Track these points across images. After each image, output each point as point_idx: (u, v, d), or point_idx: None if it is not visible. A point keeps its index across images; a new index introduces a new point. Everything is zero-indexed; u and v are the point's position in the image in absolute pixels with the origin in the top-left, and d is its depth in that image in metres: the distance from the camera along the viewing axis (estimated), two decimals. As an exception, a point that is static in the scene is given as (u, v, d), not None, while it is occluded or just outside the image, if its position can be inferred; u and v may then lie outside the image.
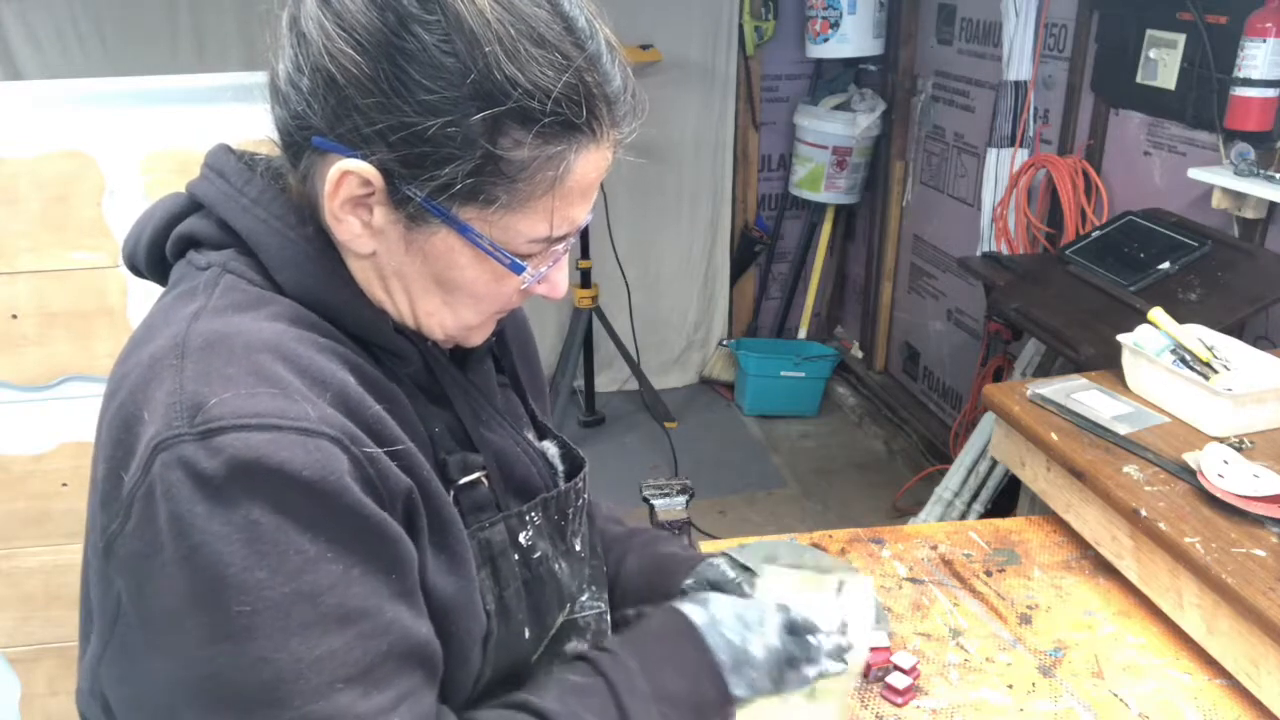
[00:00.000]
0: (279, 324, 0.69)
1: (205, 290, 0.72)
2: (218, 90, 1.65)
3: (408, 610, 0.68)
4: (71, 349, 1.73)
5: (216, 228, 0.76)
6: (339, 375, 0.68)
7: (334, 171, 0.69)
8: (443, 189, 0.69)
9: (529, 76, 0.67)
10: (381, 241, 0.73)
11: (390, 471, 0.68)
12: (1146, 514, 1.37)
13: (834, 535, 1.63)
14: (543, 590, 0.84)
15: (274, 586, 0.62)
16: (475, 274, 0.75)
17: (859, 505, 3.59)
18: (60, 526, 1.81)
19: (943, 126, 3.72)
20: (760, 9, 4.11)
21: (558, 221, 0.74)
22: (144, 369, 0.68)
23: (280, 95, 0.72)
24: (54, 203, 1.65)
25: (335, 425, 0.65)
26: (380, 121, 0.68)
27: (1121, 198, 2.72)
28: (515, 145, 0.69)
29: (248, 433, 0.62)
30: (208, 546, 0.61)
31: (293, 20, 0.70)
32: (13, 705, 1.90)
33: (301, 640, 0.63)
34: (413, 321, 0.78)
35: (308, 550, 0.63)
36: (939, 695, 1.28)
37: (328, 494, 0.63)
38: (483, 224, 0.72)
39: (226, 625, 0.62)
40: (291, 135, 0.72)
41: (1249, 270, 2.06)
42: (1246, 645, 1.23)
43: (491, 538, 0.79)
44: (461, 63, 0.66)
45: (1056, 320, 2.23)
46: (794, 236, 4.54)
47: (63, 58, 3.50)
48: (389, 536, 0.67)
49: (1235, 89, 2.17)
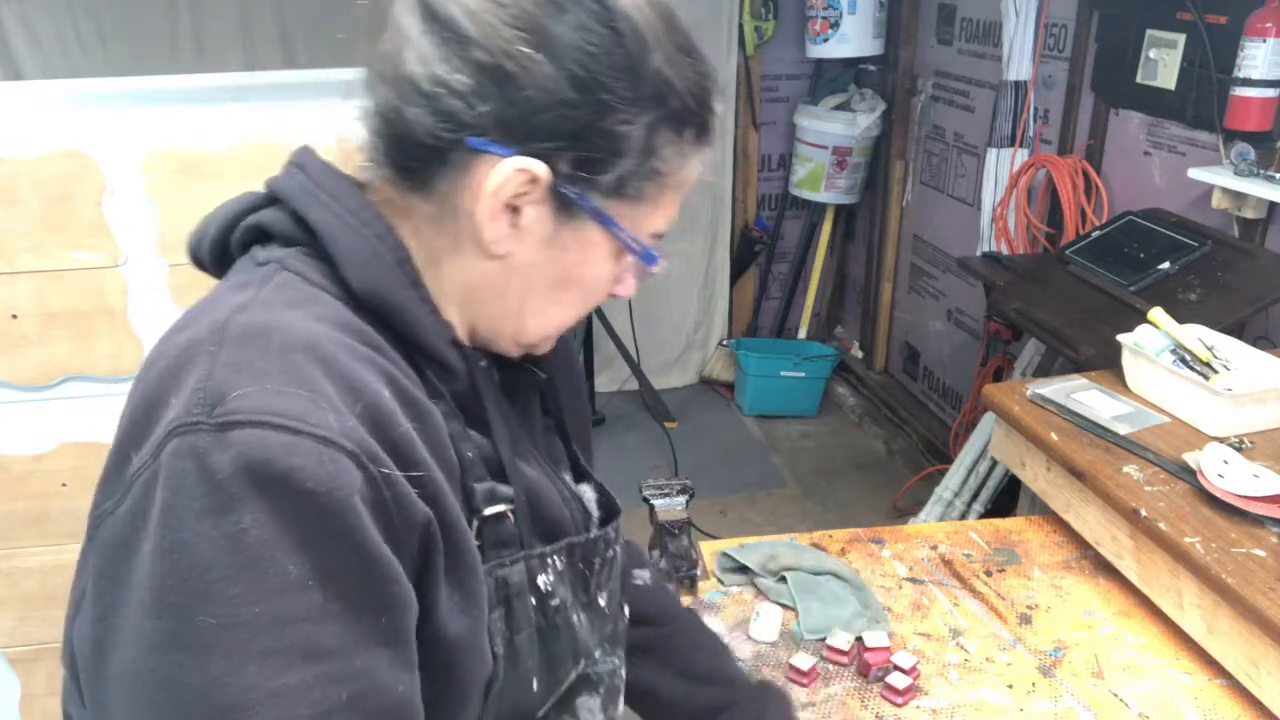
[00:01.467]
0: (322, 325, 0.66)
1: (258, 284, 0.70)
2: (218, 90, 1.65)
3: (388, 660, 0.63)
4: (71, 349, 1.72)
5: (289, 220, 0.74)
6: (373, 386, 0.65)
7: (503, 169, 0.68)
8: (605, 187, 0.71)
9: (684, 82, 0.72)
10: (522, 241, 0.72)
11: (408, 498, 0.64)
12: (1146, 514, 1.37)
13: (834, 535, 1.63)
14: (557, 640, 0.80)
15: (246, 604, 0.58)
16: (601, 269, 0.76)
17: (859, 505, 3.59)
18: (60, 526, 1.81)
19: (943, 126, 3.72)
20: (760, 9, 4.11)
21: (670, 217, 0.77)
22: (179, 352, 0.65)
23: (420, 95, 0.69)
24: (54, 203, 1.65)
25: (356, 440, 0.61)
26: (558, 120, 0.68)
27: (1121, 198, 2.72)
28: (667, 144, 0.72)
29: (264, 430, 0.59)
30: (190, 546, 0.58)
31: (433, 15, 0.69)
32: (13, 705, 1.90)
33: (259, 669, 0.58)
34: (515, 325, 0.77)
35: (289, 572, 0.59)
36: (939, 695, 1.28)
37: (329, 513, 0.60)
38: (624, 219, 0.74)
39: (187, 634, 0.58)
40: (434, 137, 0.69)
41: (1249, 270, 2.06)
42: (1246, 645, 1.23)
43: (510, 576, 0.76)
44: (634, 64, 0.69)
45: (1056, 320, 2.23)
46: (794, 236, 4.54)
47: (63, 58, 3.51)
48: (387, 575, 0.62)
49: (1235, 89, 2.17)
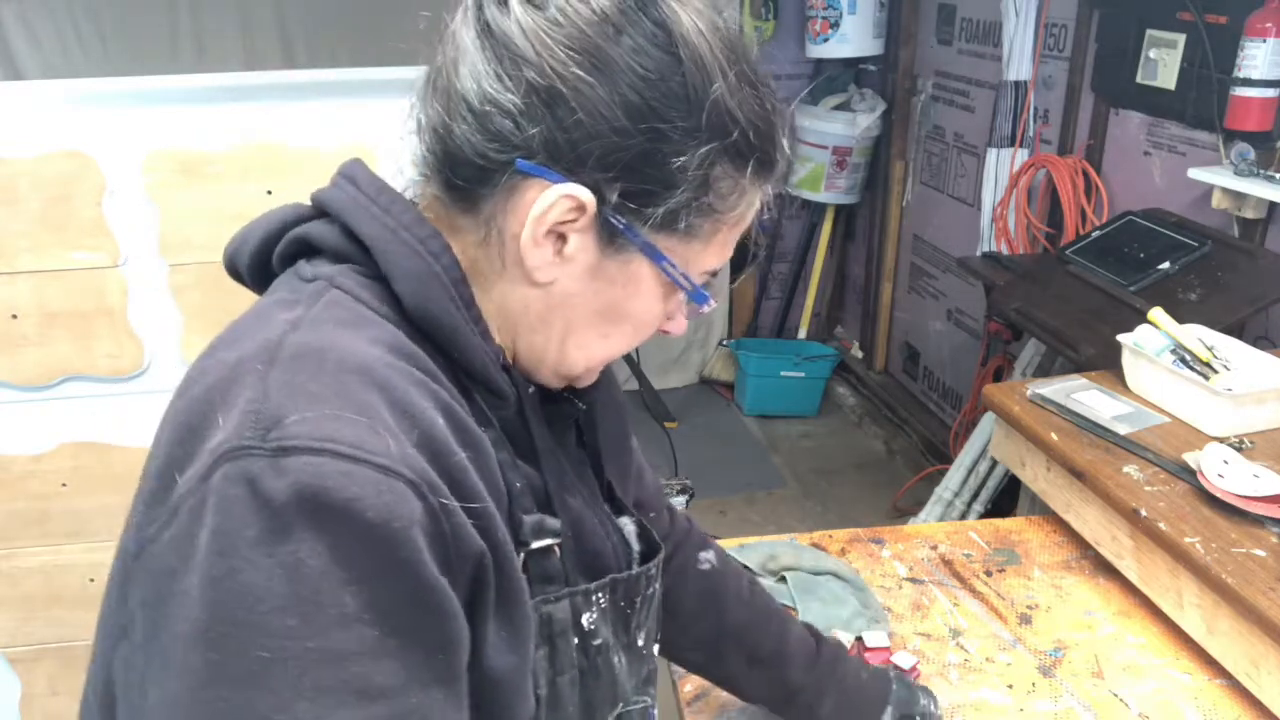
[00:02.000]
0: (377, 348, 0.64)
1: (307, 302, 0.67)
2: (218, 90, 1.65)
3: (442, 698, 0.60)
4: (71, 349, 1.73)
5: (339, 234, 0.71)
6: (429, 413, 0.62)
7: (551, 195, 0.66)
8: (656, 220, 0.68)
9: (746, 114, 0.68)
10: (566, 269, 0.70)
11: (464, 529, 0.61)
12: (1146, 514, 1.37)
13: (834, 535, 1.63)
14: (598, 683, 0.77)
15: (300, 638, 0.55)
16: (650, 304, 0.73)
17: (859, 505, 3.59)
18: (60, 526, 1.81)
19: (943, 126, 3.72)
20: (760, 9, 4.11)
21: (724, 256, 0.74)
22: (227, 370, 0.62)
23: (471, 113, 0.67)
24: (54, 203, 1.65)
25: (415, 469, 0.59)
26: (609, 148, 0.66)
27: (1121, 198, 2.72)
28: (724, 178, 0.69)
29: (321, 457, 0.56)
30: (243, 575, 0.55)
31: (489, 32, 0.67)
32: (13, 705, 1.90)
33: (310, 707, 0.55)
34: (557, 355, 0.75)
35: (347, 605, 0.56)
36: (939, 695, 1.28)
37: (389, 544, 0.57)
38: (674, 254, 0.71)
39: (237, 667, 0.55)
40: (483, 156, 0.67)
41: (1249, 270, 2.06)
42: (1246, 645, 1.23)
43: (554, 614, 0.73)
44: (695, 94, 0.66)
45: (1056, 320, 2.23)
46: (794, 236, 4.54)
47: (63, 58, 3.51)
48: (444, 610, 0.60)
49: (1235, 89, 2.17)
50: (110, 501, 1.79)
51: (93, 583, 1.84)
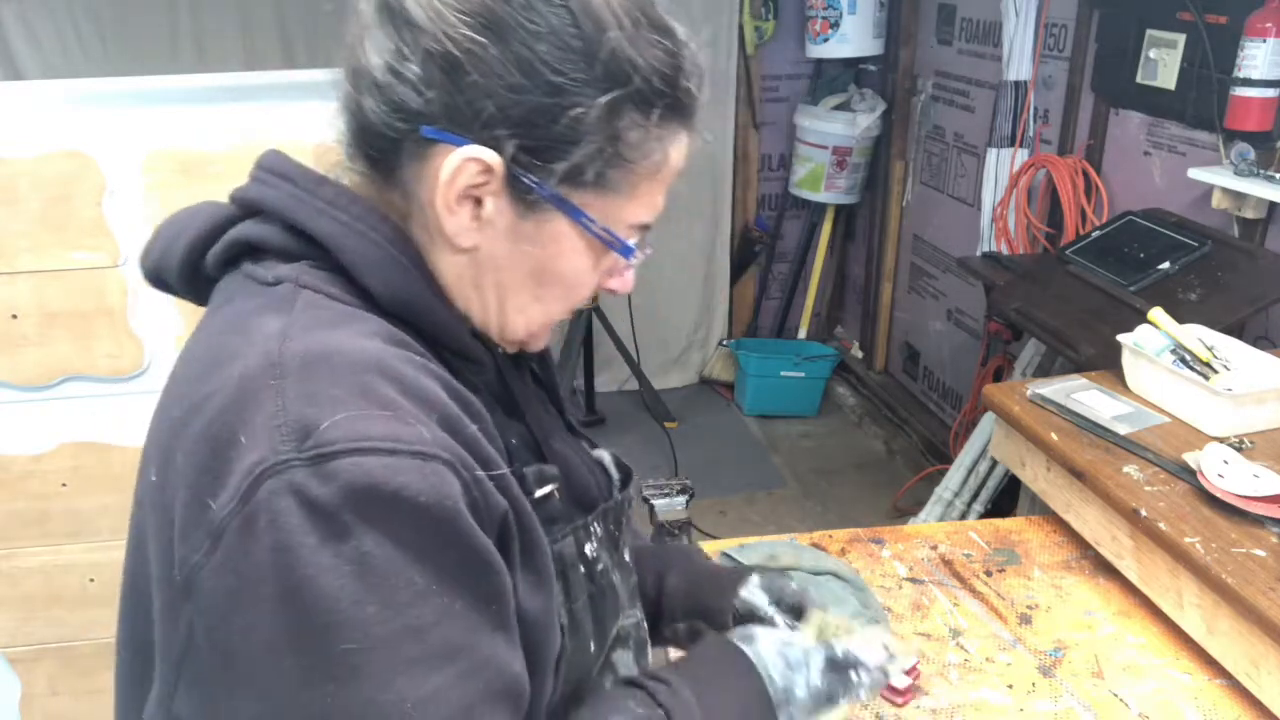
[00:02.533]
0: (375, 342, 0.66)
1: (283, 307, 0.67)
2: (218, 90, 1.65)
3: (504, 644, 0.66)
4: (71, 349, 1.73)
5: (283, 233, 0.71)
6: (440, 394, 0.65)
7: (455, 159, 0.67)
8: (563, 174, 0.69)
9: (648, 59, 0.68)
10: (487, 233, 0.71)
11: (491, 494, 0.65)
12: (1146, 514, 1.37)
13: (834, 535, 1.63)
14: (604, 602, 0.82)
15: (383, 622, 0.59)
16: (577, 262, 0.74)
17: (859, 505, 3.59)
18: (60, 526, 1.81)
19: (943, 126, 3.72)
20: (760, 9, 4.11)
21: (652, 207, 0.75)
22: (233, 390, 0.63)
23: (375, 86, 0.68)
24: (54, 203, 1.65)
25: (448, 448, 0.62)
26: (506, 106, 0.66)
27: (1121, 198, 2.72)
28: (633, 127, 0.69)
29: (363, 456, 0.59)
30: (316, 580, 0.58)
31: (388, 8, 0.68)
32: (13, 705, 1.90)
33: (407, 679, 0.59)
34: (497, 321, 0.76)
35: (417, 583, 0.60)
36: (939, 695, 1.28)
37: (442, 521, 0.61)
38: (594, 209, 0.71)
39: (331, 665, 0.58)
40: (390, 127, 0.69)
41: (1249, 270, 2.06)
42: (1246, 645, 1.23)
43: (564, 551, 0.77)
44: (588, 45, 0.66)
45: (1056, 320, 2.23)
46: (794, 236, 4.54)
47: (63, 58, 3.51)
48: (493, 567, 0.65)
49: (1235, 89, 2.17)
50: (110, 501, 1.79)
51: (92, 583, 1.84)
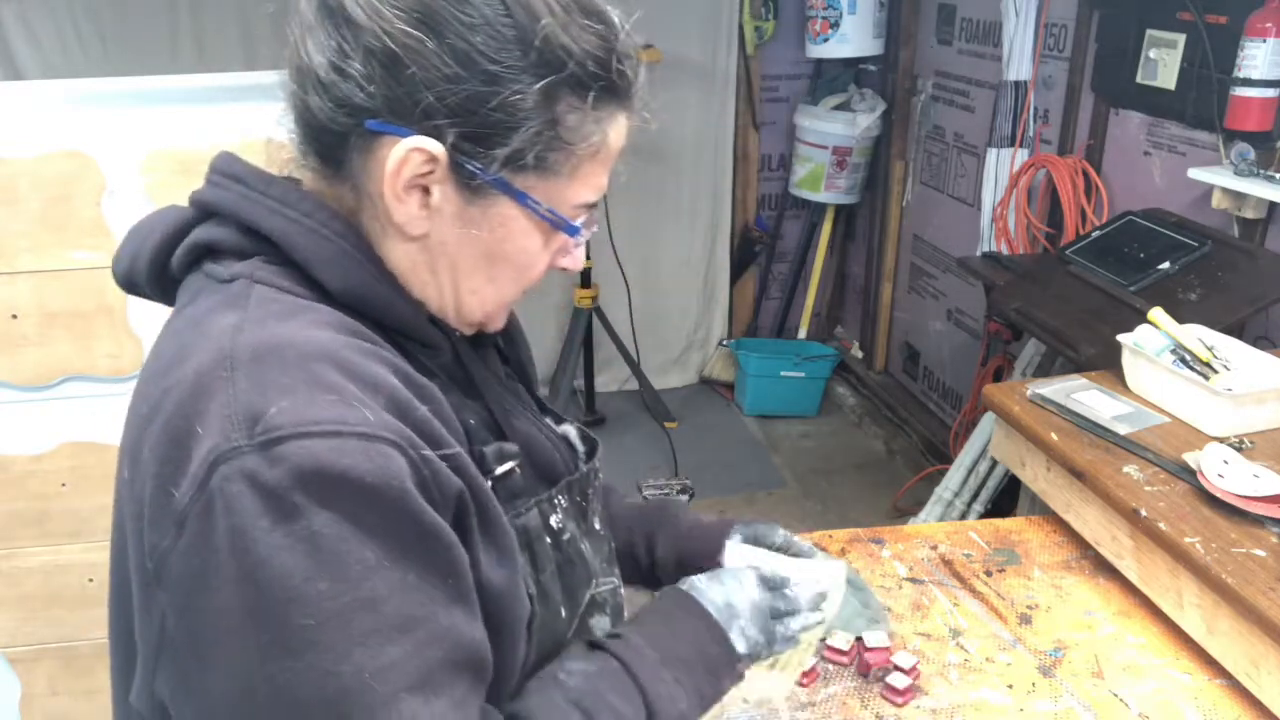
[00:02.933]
0: (325, 331, 0.69)
1: (238, 303, 0.70)
2: (218, 90, 1.65)
3: (462, 614, 0.68)
4: (71, 349, 1.73)
5: (237, 233, 0.75)
6: (388, 379, 0.68)
7: (399, 150, 0.70)
8: (507, 159, 0.71)
9: (581, 45, 0.71)
10: (436, 220, 0.74)
11: (443, 473, 0.68)
12: (1146, 514, 1.37)
13: (834, 535, 1.63)
14: (573, 570, 0.86)
15: (336, 597, 0.62)
16: (525, 243, 0.77)
17: (859, 505, 3.59)
18: (60, 526, 1.81)
19: (943, 126, 3.72)
20: (760, 9, 4.11)
21: (596, 187, 0.78)
22: (190, 384, 0.66)
23: (320, 84, 0.71)
24: (54, 203, 1.65)
25: (393, 429, 0.65)
26: (445, 96, 0.69)
27: (1121, 198, 2.72)
28: (570, 111, 0.72)
29: (309, 440, 0.62)
30: (271, 560, 0.61)
31: (327, 8, 0.71)
32: (13, 705, 1.90)
33: (364, 651, 0.62)
34: (453, 304, 0.79)
35: (368, 558, 0.63)
36: (939, 695, 1.28)
37: (389, 499, 0.63)
38: (538, 191, 0.74)
39: (290, 639, 0.61)
40: (335, 123, 0.72)
41: (1249, 270, 2.06)
42: (1246, 645, 1.23)
43: (528, 524, 0.81)
44: (522, 33, 0.69)
45: (1056, 320, 2.23)
46: (794, 236, 4.54)
47: (63, 58, 3.50)
48: (445, 541, 0.67)
49: (1235, 89, 2.17)
50: (110, 501, 1.79)
51: (92, 582, 1.84)
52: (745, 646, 0.88)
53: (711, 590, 0.89)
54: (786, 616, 0.92)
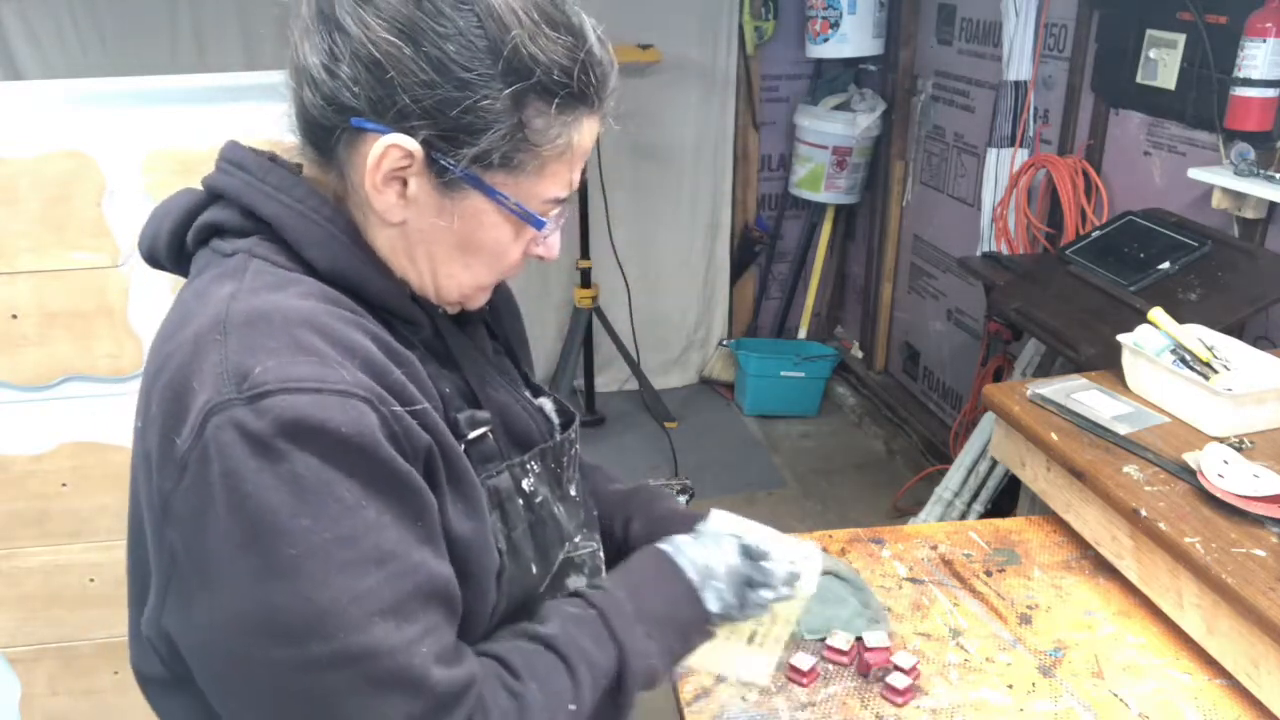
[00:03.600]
0: (310, 301, 0.76)
1: (236, 275, 0.79)
2: (218, 90, 1.65)
3: (432, 554, 0.76)
4: (71, 349, 1.73)
5: (240, 215, 0.83)
6: (365, 344, 0.76)
7: (378, 146, 0.77)
8: (476, 157, 0.78)
9: (548, 56, 0.77)
10: (414, 210, 0.81)
11: (413, 429, 0.76)
12: (1146, 514, 1.37)
13: (834, 535, 1.63)
14: (545, 530, 0.92)
15: (317, 532, 0.69)
16: (496, 234, 0.84)
17: (859, 505, 3.59)
18: (60, 526, 1.81)
19: (943, 126, 3.72)
20: (760, 9, 4.11)
21: (564, 184, 0.84)
22: (189, 346, 0.74)
23: (313, 82, 0.79)
24: (54, 203, 1.65)
25: (365, 387, 0.73)
26: (422, 99, 0.76)
27: (1121, 198, 2.72)
28: (538, 115, 0.79)
29: (291, 395, 0.70)
30: (258, 497, 0.69)
31: (322, 15, 0.78)
32: (13, 705, 1.90)
33: (342, 579, 0.70)
34: (432, 286, 0.86)
35: (345, 499, 0.71)
36: (939, 695, 1.28)
37: (363, 448, 0.71)
38: (508, 188, 0.81)
39: (278, 565, 0.69)
40: (325, 118, 0.79)
41: (1249, 270, 2.06)
42: (1246, 645, 1.23)
43: (499, 485, 0.88)
44: (493, 44, 0.76)
45: (1056, 320, 2.23)
46: (794, 236, 4.54)
47: (63, 58, 3.50)
48: (414, 487, 0.75)
49: (1235, 89, 2.17)
50: (110, 501, 1.79)
51: (92, 582, 1.84)
52: (718, 606, 0.93)
53: (692, 550, 0.95)
54: (760, 586, 0.97)
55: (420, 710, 0.73)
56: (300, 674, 0.71)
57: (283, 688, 0.72)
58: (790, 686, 1.29)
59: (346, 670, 0.71)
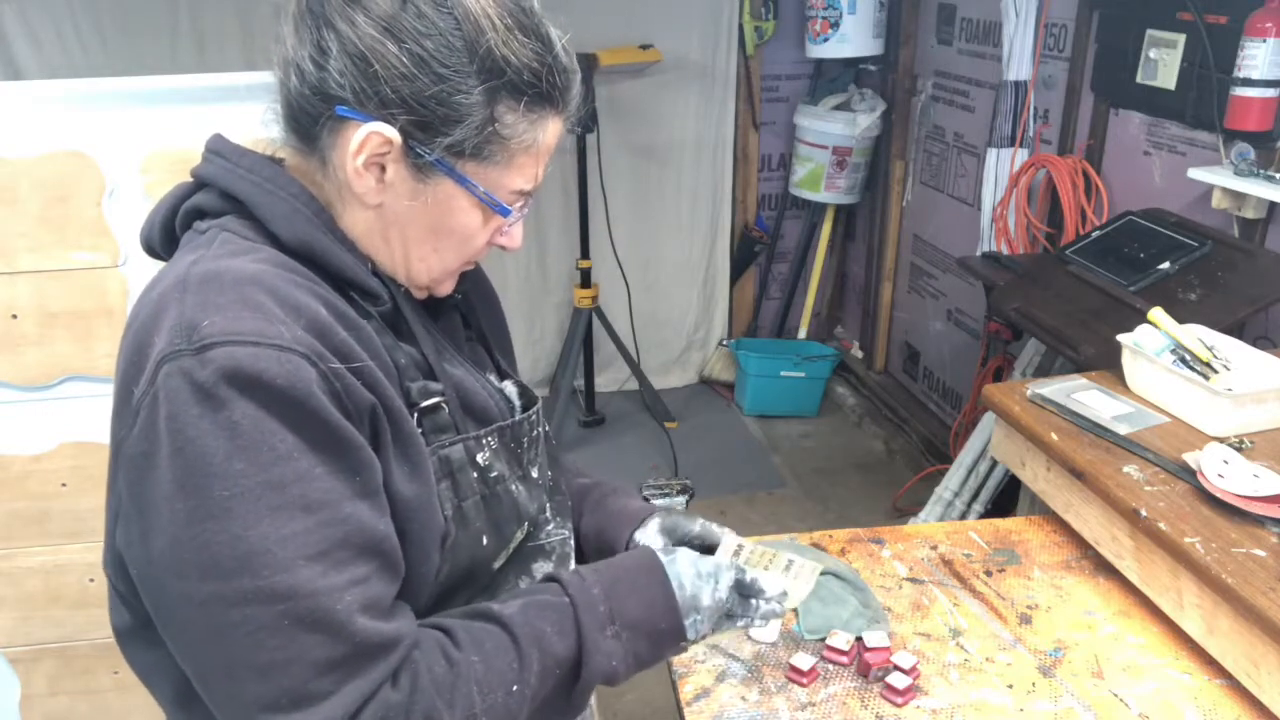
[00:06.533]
0: (263, 264, 0.82)
1: (204, 245, 0.86)
2: (218, 90, 1.65)
3: (368, 508, 0.80)
4: (71, 349, 1.73)
5: (218, 198, 0.89)
6: (312, 305, 0.81)
7: (361, 133, 0.83)
8: (450, 146, 0.85)
9: (519, 58, 0.85)
10: (391, 194, 0.87)
11: (355, 387, 0.81)
12: (1146, 514, 1.37)
13: (834, 535, 1.63)
14: (500, 505, 0.96)
15: (249, 476, 0.75)
16: (466, 220, 0.90)
17: (859, 505, 3.59)
18: (60, 526, 1.81)
19: (943, 126, 3.72)
20: (760, 9, 4.11)
21: (529, 177, 0.91)
22: (153, 304, 0.81)
23: (301, 73, 0.85)
24: (54, 203, 1.65)
25: (305, 345, 0.78)
26: (402, 91, 0.83)
27: (1121, 198, 2.72)
28: (508, 112, 0.86)
29: (232, 347, 0.75)
30: (197, 441, 0.74)
31: (313, 12, 0.84)
32: (13, 705, 1.90)
33: (270, 522, 0.75)
34: (404, 267, 0.92)
35: (278, 448, 0.75)
36: (939, 695, 1.28)
37: (297, 401, 0.76)
38: (478, 176, 0.88)
39: (211, 506, 0.74)
40: (312, 107, 0.85)
41: (1249, 270, 2.06)
42: (1246, 645, 1.23)
43: (451, 455, 0.92)
44: (469, 44, 0.83)
45: (1056, 320, 2.23)
46: (794, 236, 4.54)
47: (63, 57, 3.50)
48: (351, 443, 0.80)
49: (1235, 89, 2.17)
50: (110, 501, 1.79)
51: (92, 583, 1.84)
52: (692, 635, 0.97)
53: (687, 574, 0.98)
54: (740, 618, 1.02)
55: (340, 655, 0.77)
56: (228, 608, 0.75)
57: (211, 620, 0.76)
58: (790, 686, 1.30)
59: (270, 607, 0.75)
